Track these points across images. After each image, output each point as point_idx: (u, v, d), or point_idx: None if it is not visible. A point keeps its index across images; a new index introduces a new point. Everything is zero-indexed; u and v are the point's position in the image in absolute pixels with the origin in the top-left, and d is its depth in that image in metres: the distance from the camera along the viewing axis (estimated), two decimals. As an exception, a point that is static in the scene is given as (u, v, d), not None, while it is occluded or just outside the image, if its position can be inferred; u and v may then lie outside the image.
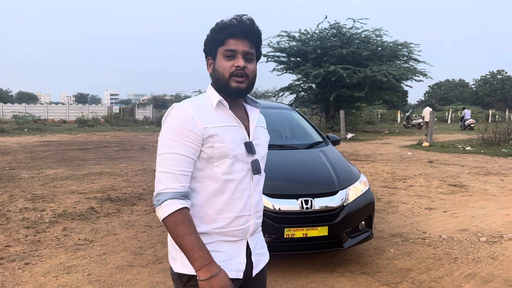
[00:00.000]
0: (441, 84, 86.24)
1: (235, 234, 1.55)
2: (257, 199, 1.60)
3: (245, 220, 1.56)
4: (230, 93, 1.53)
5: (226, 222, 1.51)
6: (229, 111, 1.54)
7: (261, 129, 1.67)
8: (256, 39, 1.54)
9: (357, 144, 17.11)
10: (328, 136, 5.15)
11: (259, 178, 1.62)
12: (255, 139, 1.59)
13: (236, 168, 1.51)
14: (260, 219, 1.65)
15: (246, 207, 1.55)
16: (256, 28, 1.53)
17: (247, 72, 1.51)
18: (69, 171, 9.22)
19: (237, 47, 1.49)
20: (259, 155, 1.61)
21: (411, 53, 25.33)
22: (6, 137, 19.17)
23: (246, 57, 1.51)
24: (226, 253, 1.53)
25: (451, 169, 9.93)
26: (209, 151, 1.47)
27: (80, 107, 41.41)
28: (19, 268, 3.81)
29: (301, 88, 27.89)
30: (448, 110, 45.63)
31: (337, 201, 3.73)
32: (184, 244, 1.38)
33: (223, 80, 1.51)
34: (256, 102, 1.68)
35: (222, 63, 1.51)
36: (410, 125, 29.57)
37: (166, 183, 1.42)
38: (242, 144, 1.53)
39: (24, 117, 28.39)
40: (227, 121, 1.52)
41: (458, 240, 4.72)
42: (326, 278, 3.66)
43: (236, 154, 1.50)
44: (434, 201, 6.61)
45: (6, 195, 6.66)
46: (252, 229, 1.60)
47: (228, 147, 1.48)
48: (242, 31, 1.49)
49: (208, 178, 1.50)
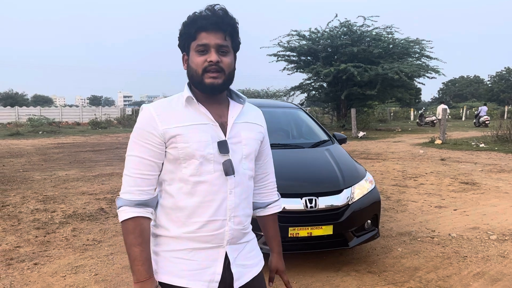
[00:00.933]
0: (455, 81, 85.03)
1: (207, 240, 1.44)
2: (234, 202, 1.47)
3: (218, 225, 1.45)
4: (205, 90, 1.44)
5: (196, 227, 1.43)
6: (200, 109, 1.45)
7: (245, 125, 1.53)
8: (229, 29, 1.43)
9: (369, 142, 16.97)
10: (335, 134, 5.12)
11: (239, 180, 1.48)
12: (234, 137, 1.47)
13: (206, 169, 1.42)
14: (240, 225, 1.50)
15: (219, 211, 1.44)
16: (229, 17, 1.42)
17: (222, 66, 1.41)
18: (81, 172, 9.33)
19: (209, 41, 1.40)
20: (240, 154, 1.49)
21: (423, 50, 24.99)
22: (21, 139, 19.48)
23: (221, 50, 1.41)
24: (197, 262, 1.44)
25: (464, 167, 9.78)
26: (173, 152, 1.41)
27: (93, 109, 41.86)
28: (28, 268, 3.87)
29: (312, 87, 27.75)
30: (463, 107, 44.99)
31: (342, 199, 3.70)
32: (129, 254, 1.37)
33: (196, 76, 1.42)
34: (240, 97, 1.56)
35: (194, 58, 1.42)
36: (423, 123, 29.23)
37: (125, 186, 1.41)
38: (215, 143, 1.43)
39: (39, 120, 28.73)
40: (196, 119, 1.44)
41: (467, 239, 4.65)
42: (332, 277, 3.64)
43: (204, 154, 1.41)
44: (445, 199, 6.52)
45: (19, 197, 6.77)
46: (229, 236, 1.47)
47: (193, 147, 1.40)
48: (213, 23, 1.39)
49: (178, 180, 1.43)
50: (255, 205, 1.72)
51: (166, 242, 1.47)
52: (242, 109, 1.53)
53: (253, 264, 1.58)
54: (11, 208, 6.04)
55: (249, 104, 1.61)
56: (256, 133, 1.56)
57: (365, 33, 24.76)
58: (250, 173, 1.55)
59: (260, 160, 1.66)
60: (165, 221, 1.46)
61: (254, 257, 1.60)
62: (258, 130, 1.58)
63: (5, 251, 4.28)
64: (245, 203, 1.53)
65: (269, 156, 1.71)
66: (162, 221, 1.47)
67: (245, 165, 1.51)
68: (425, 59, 25.26)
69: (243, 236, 1.54)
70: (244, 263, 1.54)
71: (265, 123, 1.65)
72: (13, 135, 21.84)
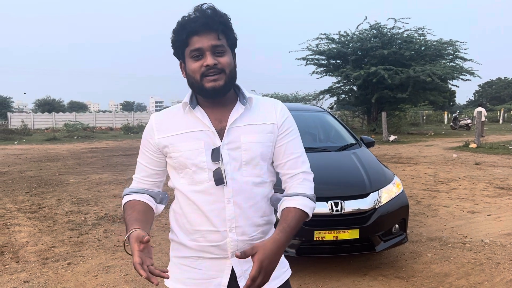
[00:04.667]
0: (492, 83, 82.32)
1: (210, 251, 1.39)
2: (234, 212, 1.37)
3: (219, 236, 1.37)
4: (207, 95, 1.36)
5: (198, 235, 1.40)
6: (196, 114, 1.39)
7: (247, 128, 1.40)
8: (221, 27, 1.33)
9: (400, 146, 16.65)
10: (362, 138, 5.08)
11: (238, 188, 1.37)
12: (231, 143, 1.37)
13: (201, 178, 1.36)
14: (244, 236, 1.39)
15: (218, 222, 1.36)
16: (219, 15, 1.33)
17: (221, 67, 1.33)
18: (113, 176, 9.59)
19: (201, 44, 1.31)
20: (239, 160, 1.38)
21: (457, 51, 24.35)
22: (57, 144, 20.22)
23: (216, 51, 1.33)
24: (203, 271, 1.41)
25: (499, 171, 9.46)
26: (170, 161, 1.43)
27: (126, 114, 42.92)
28: (62, 267, 4.02)
29: (342, 90, 27.50)
30: (500, 110, 43.46)
31: (369, 203, 3.66)
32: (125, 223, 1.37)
33: (196, 83, 1.35)
34: (245, 97, 1.43)
35: (190, 65, 1.35)
36: (457, 126, 28.38)
37: (130, 186, 1.52)
38: (209, 150, 1.36)
39: (74, 125, 29.76)
40: (191, 127, 1.38)
41: (501, 245, 4.50)
42: (358, 282, 3.60)
43: (196, 162, 1.35)
44: (478, 204, 6.33)
45: (54, 199, 7.03)
46: (232, 248, 1.38)
47: (184, 156, 1.36)
48: (203, 24, 1.31)
49: (180, 188, 1.42)
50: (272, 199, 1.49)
51: (176, 248, 1.49)
52: (246, 110, 1.42)
53: (272, 277, 1.32)
54: (47, 210, 6.29)
55: (262, 100, 1.48)
56: (262, 135, 1.41)
57: (395, 35, 24.37)
58: (256, 179, 1.41)
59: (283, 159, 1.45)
60: (175, 227, 1.48)
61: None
62: (266, 131, 1.42)
63: (41, 251, 4.45)
64: (251, 211, 1.40)
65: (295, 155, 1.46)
66: (174, 227, 1.49)
67: (246, 172, 1.39)
68: (459, 60, 24.60)
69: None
70: None
71: (283, 118, 1.45)
72: (50, 140, 22.70)
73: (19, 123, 32.77)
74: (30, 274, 3.84)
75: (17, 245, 4.68)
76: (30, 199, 7.03)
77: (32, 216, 5.92)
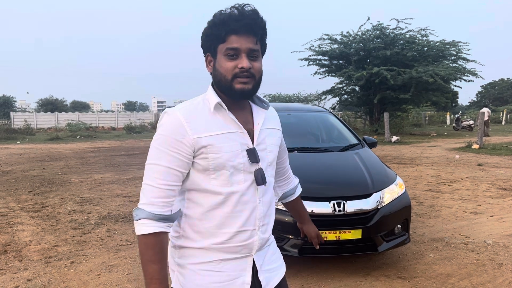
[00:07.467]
0: (495, 84, 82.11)
1: (237, 251, 1.40)
2: (263, 211, 1.42)
3: (248, 235, 1.40)
4: (234, 96, 1.36)
5: (226, 238, 1.37)
6: (228, 115, 1.37)
7: (269, 131, 1.48)
8: (261, 33, 1.34)
9: (402, 147, 16.63)
10: (365, 138, 5.07)
11: (266, 188, 1.44)
12: (260, 144, 1.42)
13: (237, 179, 1.36)
14: (267, 233, 1.47)
15: (249, 221, 1.39)
16: (260, 19, 1.33)
17: (253, 72, 1.33)
18: (115, 175, 9.62)
19: (240, 45, 1.30)
20: (266, 161, 1.44)
21: (460, 52, 24.25)
22: (60, 143, 20.26)
23: (251, 55, 1.33)
24: (226, 273, 1.39)
25: (502, 172, 9.44)
26: (203, 162, 1.33)
27: (128, 114, 42.99)
28: (65, 266, 4.03)
29: (344, 91, 27.47)
30: (503, 111, 43.33)
31: (371, 203, 3.67)
32: (146, 270, 1.29)
33: (225, 82, 1.34)
34: (263, 101, 1.49)
35: (223, 63, 1.33)
36: (460, 127, 28.35)
37: (148, 197, 1.31)
38: (244, 151, 1.37)
39: (76, 125, 29.76)
40: (225, 127, 1.36)
41: (504, 246, 4.50)
42: (360, 282, 3.61)
43: (234, 164, 1.35)
44: (481, 205, 6.32)
45: (57, 198, 7.05)
46: (258, 245, 1.43)
47: (224, 158, 1.33)
48: (245, 26, 1.29)
49: (206, 190, 1.35)
50: (286, 194, 1.84)
51: (193, 254, 1.41)
52: (266, 114, 1.49)
53: (278, 267, 1.56)
54: (50, 209, 6.31)
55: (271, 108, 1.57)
56: (276, 139, 1.53)
57: (398, 36, 24.32)
58: (273, 179, 1.52)
59: (282, 158, 1.73)
60: (191, 232, 1.39)
61: (277, 259, 1.58)
62: (278, 135, 1.55)
63: (44, 250, 4.47)
64: (271, 210, 1.50)
65: (286, 154, 1.77)
66: (188, 232, 1.40)
67: (270, 172, 1.48)
68: (461, 61, 24.53)
69: (267, 242, 1.51)
70: (270, 268, 1.50)
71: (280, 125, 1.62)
72: (53, 139, 22.75)
73: (22, 122, 32.88)
74: (33, 273, 3.86)
75: (20, 244, 4.70)
76: (33, 198, 7.05)
77: (35, 215, 5.95)
